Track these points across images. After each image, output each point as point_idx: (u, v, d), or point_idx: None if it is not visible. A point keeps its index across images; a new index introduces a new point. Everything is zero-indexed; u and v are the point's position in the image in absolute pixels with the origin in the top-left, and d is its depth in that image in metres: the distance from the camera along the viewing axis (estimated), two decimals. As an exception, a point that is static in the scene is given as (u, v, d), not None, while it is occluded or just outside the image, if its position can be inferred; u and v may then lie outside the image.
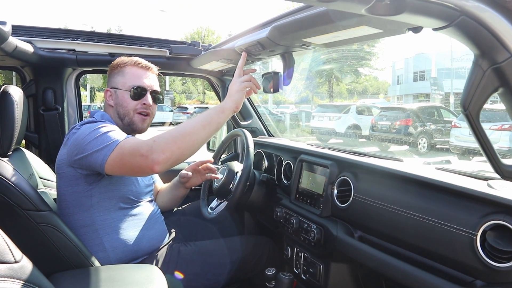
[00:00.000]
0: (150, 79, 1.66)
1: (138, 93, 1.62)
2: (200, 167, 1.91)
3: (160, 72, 1.73)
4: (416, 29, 0.93)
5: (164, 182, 2.14)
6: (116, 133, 1.41)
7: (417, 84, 33.89)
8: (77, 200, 1.50)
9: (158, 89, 1.69)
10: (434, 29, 0.84)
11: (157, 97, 1.68)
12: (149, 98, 1.64)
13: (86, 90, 27.31)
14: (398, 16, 0.78)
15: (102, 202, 1.52)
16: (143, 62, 1.66)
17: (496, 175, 1.02)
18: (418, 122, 12.58)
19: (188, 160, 1.52)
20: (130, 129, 1.63)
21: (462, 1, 0.74)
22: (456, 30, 0.81)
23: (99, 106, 23.53)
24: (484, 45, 0.80)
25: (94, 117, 1.59)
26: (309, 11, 1.06)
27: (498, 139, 8.86)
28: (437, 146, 12.38)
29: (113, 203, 1.55)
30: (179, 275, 1.60)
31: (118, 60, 1.67)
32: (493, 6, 0.74)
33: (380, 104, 21.28)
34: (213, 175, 1.92)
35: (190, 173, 1.89)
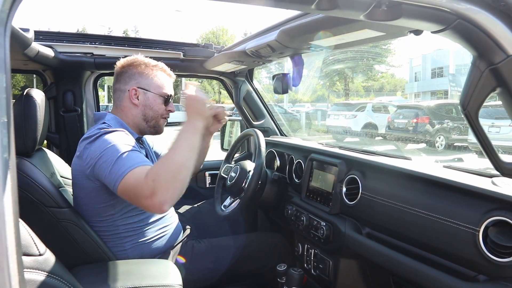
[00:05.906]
0: (172, 86, 1.73)
1: (168, 100, 1.67)
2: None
3: (175, 74, 1.76)
4: (417, 32, 0.97)
5: None
6: (127, 157, 1.35)
7: (435, 81, 33.36)
8: (98, 210, 1.51)
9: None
10: (433, 32, 0.87)
11: None
12: (173, 105, 1.71)
13: (104, 91, 27.53)
14: (396, 21, 0.81)
15: (125, 209, 1.54)
16: (167, 69, 1.70)
17: (500, 173, 1.04)
18: (436, 119, 12.38)
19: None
20: (154, 130, 1.69)
21: (457, 5, 0.77)
22: (453, 33, 0.84)
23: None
24: (481, 47, 0.83)
25: (106, 122, 1.54)
26: (314, 16, 1.10)
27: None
28: (455, 144, 12.17)
29: (137, 210, 1.56)
30: (181, 259, 1.64)
31: (143, 60, 1.64)
32: (487, 9, 0.77)
33: (397, 101, 21.01)
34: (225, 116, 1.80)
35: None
